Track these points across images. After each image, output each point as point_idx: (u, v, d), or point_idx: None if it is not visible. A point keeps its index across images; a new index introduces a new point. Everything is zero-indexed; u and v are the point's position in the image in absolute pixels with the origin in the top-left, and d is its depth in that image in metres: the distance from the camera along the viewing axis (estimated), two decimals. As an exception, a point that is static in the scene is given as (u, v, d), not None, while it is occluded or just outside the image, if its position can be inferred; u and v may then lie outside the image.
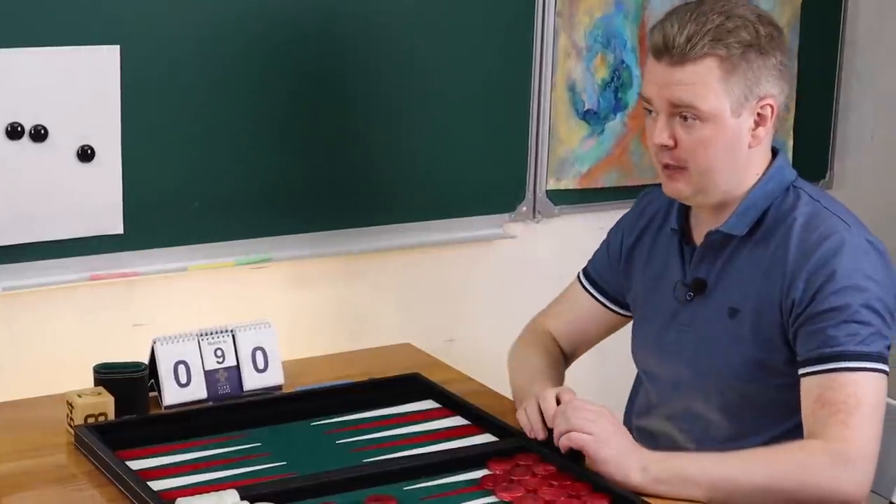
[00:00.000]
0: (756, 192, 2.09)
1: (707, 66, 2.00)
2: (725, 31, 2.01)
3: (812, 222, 2.05)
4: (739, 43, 2.01)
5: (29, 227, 2.52)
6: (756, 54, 2.02)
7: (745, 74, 2.01)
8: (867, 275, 1.99)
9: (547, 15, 3.01)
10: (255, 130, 2.72)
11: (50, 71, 2.48)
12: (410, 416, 2.21)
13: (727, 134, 2.03)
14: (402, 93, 2.87)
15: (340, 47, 2.78)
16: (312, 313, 2.89)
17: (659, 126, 2.05)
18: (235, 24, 2.65)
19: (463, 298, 3.08)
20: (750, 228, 2.09)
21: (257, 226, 2.76)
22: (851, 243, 2.01)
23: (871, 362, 1.96)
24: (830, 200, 2.11)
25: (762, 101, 2.04)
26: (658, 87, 2.04)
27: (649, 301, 2.24)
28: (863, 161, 3.65)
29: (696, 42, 2.00)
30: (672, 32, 2.01)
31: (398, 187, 2.90)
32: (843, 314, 1.97)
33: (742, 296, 2.08)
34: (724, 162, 2.05)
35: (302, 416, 2.21)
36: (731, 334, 2.09)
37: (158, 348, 2.31)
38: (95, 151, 2.54)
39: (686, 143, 2.04)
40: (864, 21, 3.55)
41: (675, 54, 2.01)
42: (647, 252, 2.26)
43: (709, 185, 2.07)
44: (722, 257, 2.12)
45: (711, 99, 2.01)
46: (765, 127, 2.06)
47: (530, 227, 3.12)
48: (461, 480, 1.96)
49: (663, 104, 2.04)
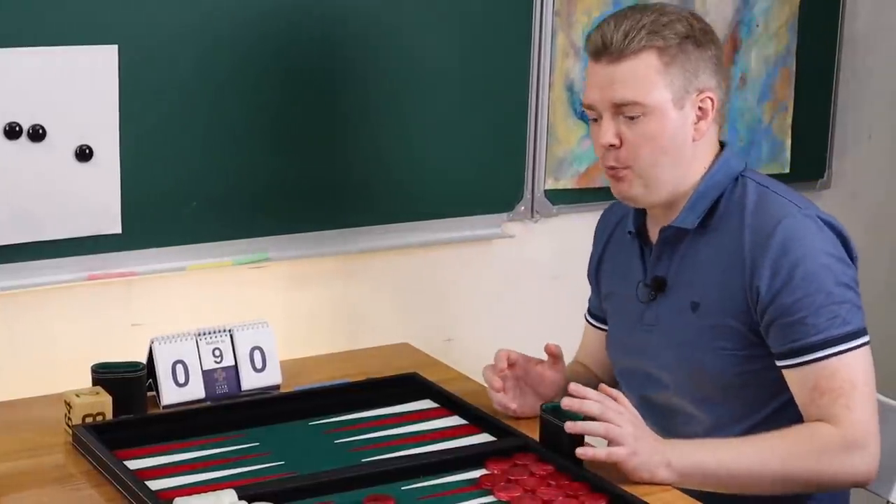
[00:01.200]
0: (704, 184, 2.11)
1: (646, 59, 2.04)
2: (661, 24, 2.06)
3: (761, 206, 2.07)
4: (676, 34, 2.05)
5: (27, 226, 2.52)
6: (693, 45, 2.07)
7: (683, 65, 2.05)
8: (829, 252, 2.02)
9: (545, 14, 3.01)
10: (254, 130, 2.72)
11: (48, 71, 2.48)
12: (408, 416, 2.22)
13: (671, 126, 2.06)
14: (399, 92, 2.87)
15: (339, 47, 2.78)
16: (310, 313, 2.89)
17: (604, 127, 2.08)
18: (234, 23, 2.65)
19: (461, 298, 3.08)
20: (702, 221, 2.10)
21: (255, 225, 2.76)
22: (805, 224, 2.03)
23: (855, 339, 2.00)
24: (779, 185, 2.13)
25: (702, 93, 2.07)
26: (600, 88, 2.07)
27: (617, 306, 2.28)
28: (861, 160, 3.65)
29: (634, 36, 2.04)
30: (609, 31, 2.06)
31: (396, 187, 2.90)
32: (818, 299, 1.99)
33: (702, 289, 2.10)
34: (669, 156, 2.07)
35: (300, 415, 2.21)
36: (695, 328, 2.10)
37: (156, 348, 2.31)
38: (93, 151, 2.54)
39: (631, 140, 2.06)
40: (862, 20, 3.55)
41: (614, 51, 2.05)
42: (613, 259, 2.30)
43: (654, 181, 2.08)
44: (678, 253, 2.14)
45: (653, 91, 2.04)
46: (706, 120, 2.09)
47: (528, 227, 3.12)
48: (459, 480, 1.96)
49: (606, 105, 2.07)
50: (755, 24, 3.33)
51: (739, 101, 3.34)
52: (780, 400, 2.08)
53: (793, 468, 1.96)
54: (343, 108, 2.81)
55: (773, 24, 3.35)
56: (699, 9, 3.22)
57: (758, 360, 2.07)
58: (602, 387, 2.00)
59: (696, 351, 2.10)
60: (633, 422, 1.96)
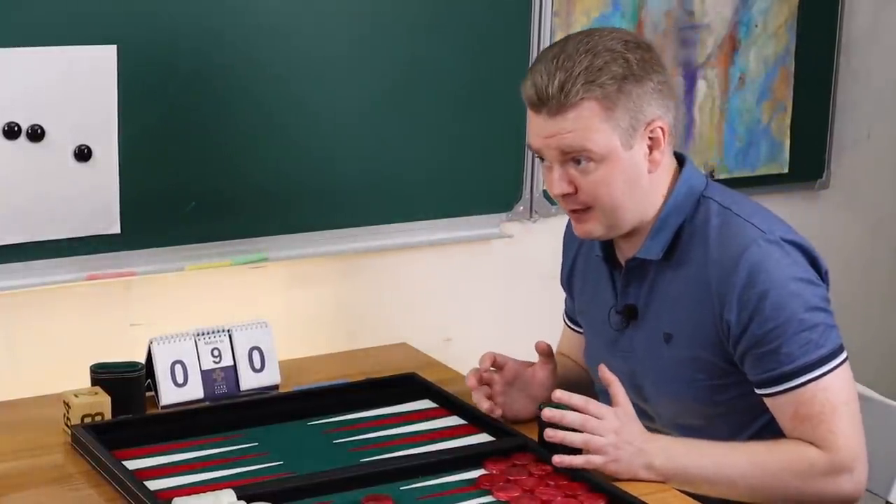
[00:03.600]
0: (664, 212, 2.05)
1: (587, 109, 1.96)
2: (596, 69, 1.96)
3: (725, 234, 2.02)
4: (613, 79, 1.96)
5: (26, 226, 2.52)
6: (632, 84, 1.97)
7: (626, 107, 1.97)
8: (797, 277, 1.97)
9: (544, 15, 3.01)
10: (252, 130, 2.72)
11: (47, 71, 2.48)
12: (407, 416, 2.22)
13: (624, 168, 2.00)
14: (399, 92, 2.87)
15: (337, 48, 2.78)
16: (309, 313, 2.89)
17: (556, 177, 2.01)
18: (232, 23, 2.65)
19: (460, 298, 3.08)
20: (667, 251, 2.06)
21: (254, 225, 2.76)
22: (769, 252, 1.98)
23: (831, 361, 1.95)
24: (742, 204, 2.07)
25: (650, 125, 2.00)
26: (543, 138, 2.00)
27: (590, 324, 2.25)
28: (860, 160, 3.65)
29: (570, 89, 1.95)
30: (543, 84, 1.97)
31: (395, 187, 2.90)
32: (789, 328, 1.94)
33: (673, 320, 2.06)
34: (628, 195, 2.02)
35: (299, 415, 2.21)
36: (670, 359, 2.07)
37: (155, 348, 2.31)
38: (92, 151, 2.54)
39: (585, 186, 2.00)
40: (860, 20, 3.56)
41: (552, 105, 1.97)
42: (582, 275, 2.26)
43: (618, 220, 2.04)
44: (647, 282, 2.09)
45: (600, 139, 1.97)
46: (660, 150, 2.02)
47: (527, 227, 3.12)
48: (458, 480, 1.96)
49: (554, 154, 2.00)
50: (754, 24, 3.33)
51: (738, 101, 3.35)
52: (765, 419, 2.05)
53: (776, 485, 1.95)
54: (342, 107, 2.81)
55: (771, 25, 3.35)
56: (698, 9, 3.23)
57: (735, 388, 2.04)
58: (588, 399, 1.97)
59: (674, 382, 2.08)
60: (615, 429, 1.94)
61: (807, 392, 1.95)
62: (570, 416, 1.94)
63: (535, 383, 2.19)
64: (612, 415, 1.96)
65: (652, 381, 2.11)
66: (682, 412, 2.09)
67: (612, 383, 1.99)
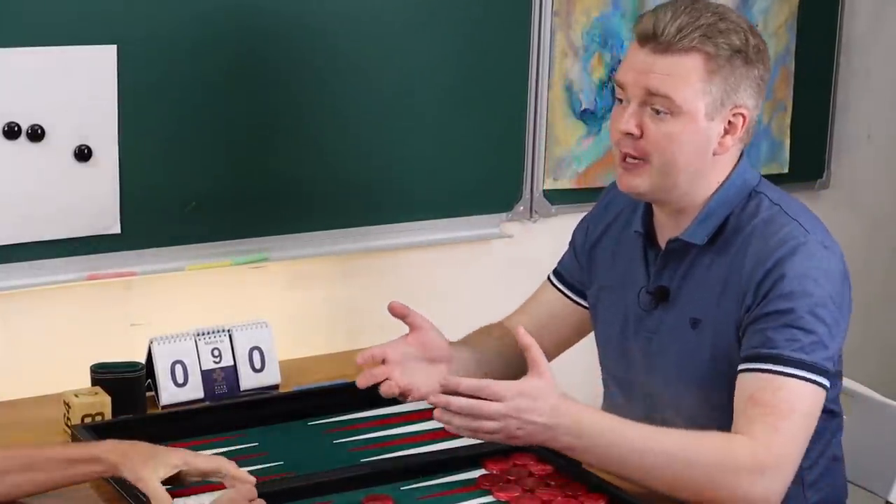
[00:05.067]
0: (715, 200, 2.04)
1: (692, 61, 1.97)
2: (717, 30, 1.97)
3: (769, 230, 2.01)
4: (729, 46, 1.97)
5: (26, 226, 2.52)
6: (742, 61, 1.99)
7: (726, 78, 1.98)
8: (817, 280, 1.94)
9: (544, 14, 3.01)
10: (253, 130, 2.72)
11: (47, 71, 2.48)
12: (407, 416, 2.22)
13: (696, 134, 1.99)
14: (399, 92, 2.87)
15: (337, 47, 2.78)
16: (309, 313, 2.89)
17: (628, 112, 2.00)
18: (233, 23, 2.65)
19: (460, 298, 3.08)
20: (711, 238, 2.04)
21: (254, 225, 2.76)
22: (806, 248, 1.97)
23: (808, 372, 1.90)
24: (791, 203, 2.07)
25: (736, 108, 2.00)
26: (637, 72, 1.99)
27: (611, 302, 2.20)
28: (860, 160, 3.65)
29: (687, 34, 1.96)
30: (664, 20, 1.97)
31: (395, 187, 2.90)
32: (786, 318, 1.92)
33: (703, 307, 2.04)
34: (687, 162, 2.00)
35: (299, 415, 2.21)
36: (693, 344, 2.05)
37: (155, 348, 2.31)
38: (92, 151, 2.54)
39: (653, 134, 1.99)
40: (861, 20, 3.56)
41: (663, 41, 1.97)
42: (612, 250, 2.22)
43: (668, 183, 2.02)
44: (684, 265, 2.07)
45: (689, 94, 1.97)
46: (733, 136, 2.02)
47: (527, 227, 3.12)
48: (458, 480, 1.96)
49: (638, 91, 1.99)
50: (754, 23, 3.31)
51: (738, 101, 3.35)
52: None
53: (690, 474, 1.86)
54: (341, 108, 2.81)
55: (772, 24, 3.35)
56: (698, 9, 3.22)
57: None
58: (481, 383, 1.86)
59: (695, 368, 2.05)
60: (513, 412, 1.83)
61: (773, 382, 1.90)
62: (457, 401, 1.84)
63: (427, 347, 2.14)
64: (511, 394, 1.84)
65: (674, 364, 2.08)
66: (693, 397, 2.06)
67: (529, 348, 1.90)
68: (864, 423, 2.32)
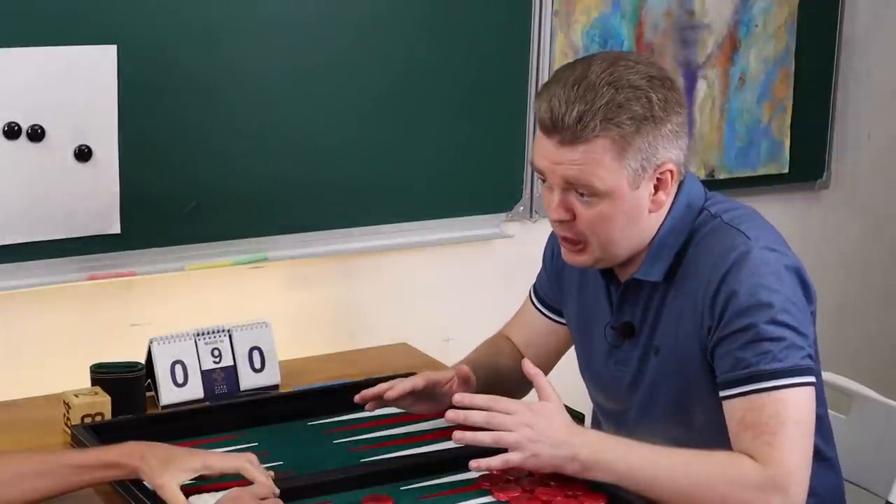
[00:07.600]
0: (661, 235, 2.00)
1: (600, 146, 1.90)
2: (616, 106, 1.89)
3: (710, 245, 1.98)
4: (632, 119, 1.90)
5: (26, 226, 2.52)
6: (651, 125, 1.91)
7: (640, 148, 1.91)
8: (770, 288, 1.91)
9: (544, 14, 3.01)
10: (252, 129, 2.72)
11: (47, 71, 2.48)
12: (407, 416, 2.21)
13: (626, 207, 1.95)
14: (399, 92, 2.87)
15: (337, 46, 2.78)
16: (309, 313, 2.89)
17: (555, 202, 1.96)
18: (233, 24, 2.65)
19: (460, 298, 3.08)
20: (668, 272, 2.01)
21: (254, 225, 2.76)
22: (749, 257, 1.93)
23: (787, 377, 1.88)
24: (733, 211, 2.02)
25: (660, 167, 1.95)
26: (550, 162, 1.94)
27: (585, 331, 2.19)
28: (860, 160, 3.65)
29: (587, 122, 1.89)
30: (560, 112, 1.90)
31: (395, 187, 2.90)
32: (748, 334, 1.89)
33: (666, 335, 2.02)
34: (625, 234, 1.97)
35: (299, 415, 2.21)
36: (663, 373, 2.03)
37: (155, 348, 2.31)
38: (92, 151, 2.54)
39: (584, 217, 1.95)
40: (861, 20, 3.56)
41: (567, 135, 1.90)
42: (578, 281, 2.20)
43: (610, 254, 2.00)
44: (642, 299, 2.05)
45: (607, 177, 1.91)
46: (665, 191, 1.97)
47: (527, 227, 3.12)
48: (458, 480, 1.96)
49: (557, 180, 1.94)
50: (754, 24, 3.33)
51: (738, 101, 3.35)
52: None
53: (704, 491, 1.87)
54: (343, 107, 2.81)
55: (772, 25, 3.35)
56: (698, 9, 3.23)
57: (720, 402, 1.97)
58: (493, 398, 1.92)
59: (662, 393, 2.04)
60: (528, 422, 1.87)
61: (756, 401, 1.88)
62: (475, 415, 1.88)
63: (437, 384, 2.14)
64: (523, 409, 1.89)
65: (642, 391, 2.07)
66: (669, 422, 2.04)
67: (535, 377, 1.94)
68: (864, 423, 2.31)
